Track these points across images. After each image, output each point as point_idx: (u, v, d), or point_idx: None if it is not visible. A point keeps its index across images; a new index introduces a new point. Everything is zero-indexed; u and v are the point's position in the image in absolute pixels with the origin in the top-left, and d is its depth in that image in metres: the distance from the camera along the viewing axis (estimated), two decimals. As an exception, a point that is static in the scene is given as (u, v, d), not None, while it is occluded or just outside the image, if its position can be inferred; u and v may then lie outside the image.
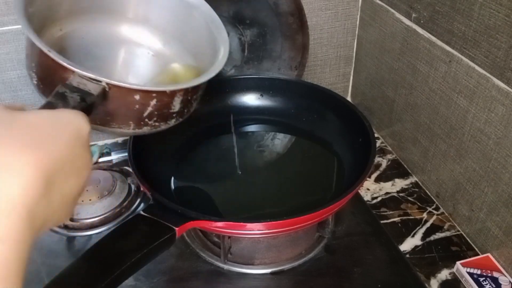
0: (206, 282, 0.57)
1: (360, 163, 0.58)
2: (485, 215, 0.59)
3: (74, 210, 0.65)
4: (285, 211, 0.58)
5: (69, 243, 0.63)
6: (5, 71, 0.72)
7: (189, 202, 0.60)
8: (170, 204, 0.49)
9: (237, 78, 0.75)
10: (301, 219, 0.49)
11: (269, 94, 0.75)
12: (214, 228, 0.50)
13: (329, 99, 0.71)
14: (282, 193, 0.63)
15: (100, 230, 0.64)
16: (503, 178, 0.55)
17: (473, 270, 0.57)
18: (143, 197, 0.70)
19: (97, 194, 0.67)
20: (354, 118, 0.65)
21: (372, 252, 0.61)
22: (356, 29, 0.84)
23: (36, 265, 0.59)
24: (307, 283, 0.57)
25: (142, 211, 0.48)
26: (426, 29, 0.64)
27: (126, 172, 0.74)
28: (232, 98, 0.75)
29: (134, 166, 0.55)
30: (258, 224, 0.48)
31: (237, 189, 0.65)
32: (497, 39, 0.52)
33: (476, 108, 0.57)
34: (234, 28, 0.77)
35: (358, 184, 0.53)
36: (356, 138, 0.64)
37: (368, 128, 0.61)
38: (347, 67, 0.89)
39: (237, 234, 0.52)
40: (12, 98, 0.74)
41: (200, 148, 0.70)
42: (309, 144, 0.72)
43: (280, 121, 0.74)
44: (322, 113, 0.72)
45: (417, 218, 0.67)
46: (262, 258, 0.60)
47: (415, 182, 0.73)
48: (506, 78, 0.52)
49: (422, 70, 0.67)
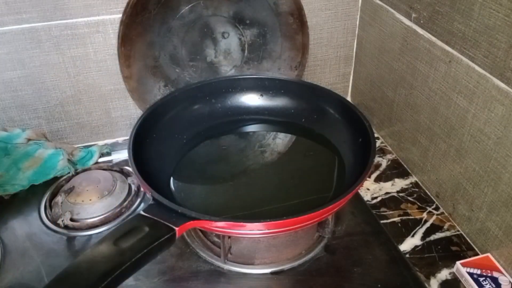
0: (206, 282, 0.57)
1: (360, 163, 0.58)
2: (485, 215, 0.59)
3: (74, 210, 0.65)
4: (285, 211, 0.59)
5: (69, 243, 0.63)
6: (5, 71, 0.72)
7: (189, 202, 0.60)
8: (170, 204, 0.49)
9: (237, 78, 0.75)
10: (301, 219, 0.49)
11: (269, 94, 0.75)
12: (214, 228, 0.50)
13: (329, 99, 0.71)
14: (282, 193, 0.63)
15: (100, 230, 0.64)
16: (503, 178, 0.55)
17: (473, 270, 0.57)
18: (143, 197, 0.70)
19: (97, 194, 0.67)
20: (354, 118, 0.65)
21: (372, 252, 0.61)
22: (356, 29, 0.84)
23: (36, 265, 0.59)
24: (307, 283, 0.57)
25: (142, 211, 0.48)
26: (426, 29, 0.64)
27: (126, 172, 0.74)
28: (232, 98, 0.75)
29: (134, 166, 0.55)
30: (258, 224, 0.48)
31: (237, 189, 0.65)
32: (497, 39, 0.52)
33: (476, 108, 0.57)
34: (234, 28, 0.77)
35: (358, 184, 0.53)
36: (356, 138, 0.64)
37: (368, 128, 0.61)
38: (347, 67, 0.89)
39: (237, 234, 0.52)
40: (12, 98, 0.74)
41: (200, 148, 0.70)
42: (309, 143, 0.72)
43: (280, 121, 0.74)
44: (322, 113, 0.72)
45: (417, 218, 0.67)
46: (262, 258, 0.60)
47: (415, 182, 0.73)
48: (506, 78, 0.52)
49: (422, 70, 0.67)
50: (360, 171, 0.55)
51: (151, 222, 0.47)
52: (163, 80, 0.77)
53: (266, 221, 0.48)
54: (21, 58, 0.71)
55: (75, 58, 0.73)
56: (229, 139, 0.72)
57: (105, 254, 0.43)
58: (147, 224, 0.46)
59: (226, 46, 0.78)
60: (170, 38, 0.74)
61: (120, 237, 0.45)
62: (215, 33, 0.76)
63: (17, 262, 0.60)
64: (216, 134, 0.73)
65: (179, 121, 0.70)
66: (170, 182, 0.63)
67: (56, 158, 0.72)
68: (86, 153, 0.77)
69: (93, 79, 0.76)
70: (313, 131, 0.72)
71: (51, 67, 0.73)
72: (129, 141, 0.59)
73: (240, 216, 0.59)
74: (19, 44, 0.70)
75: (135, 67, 0.73)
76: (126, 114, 0.81)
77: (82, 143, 0.82)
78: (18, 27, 0.69)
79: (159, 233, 0.46)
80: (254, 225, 0.48)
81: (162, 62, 0.75)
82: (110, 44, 0.73)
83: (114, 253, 0.43)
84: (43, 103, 0.76)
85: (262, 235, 0.57)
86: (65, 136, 0.81)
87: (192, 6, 0.72)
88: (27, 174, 0.71)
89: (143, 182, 0.52)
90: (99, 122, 0.81)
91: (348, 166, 0.65)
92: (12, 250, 0.61)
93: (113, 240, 0.44)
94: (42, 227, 0.65)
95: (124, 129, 0.83)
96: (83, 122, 0.80)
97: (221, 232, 0.53)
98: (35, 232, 0.64)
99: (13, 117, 0.76)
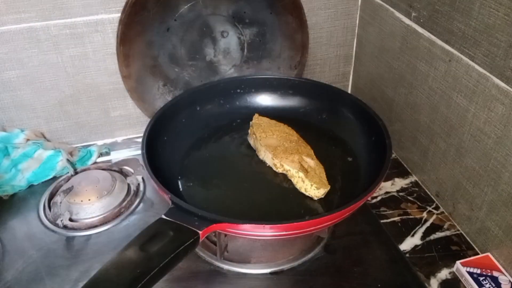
0: (206, 282, 0.57)
1: (375, 161, 0.58)
2: (485, 214, 0.59)
3: (73, 210, 0.65)
4: (298, 213, 0.58)
5: (68, 243, 0.62)
6: (4, 71, 0.71)
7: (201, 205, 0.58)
8: (192, 208, 0.49)
9: (245, 79, 0.75)
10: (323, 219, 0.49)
11: (278, 94, 0.75)
12: (235, 230, 0.49)
13: (339, 97, 0.71)
14: (292, 194, 0.62)
15: (99, 230, 0.64)
16: (503, 177, 0.55)
17: (473, 270, 0.57)
18: (142, 197, 0.70)
19: (96, 194, 0.67)
20: (366, 116, 0.65)
21: (371, 251, 0.61)
22: (355, 28, 0.84)
23: (35, 264, 0.59)
24: (306, 283, 0.57)
25: (164, 215, 0.48)
26: (425, 28, 0.64)
27: (125, 172, 0.74)
28: (241, 98, 0.75)
29: (150, 171, 0.54)
30: (280, 226, 0.48)
31: (248, 191, 0.63)
32: (496, 38, 0.52)
33: (476, 107, 0.57)
34: (233, 27, 0.76)
35: (374, 187, 0.53)
36: (369, 136, 0.64)
37: (381, 126, 0.61)
38: (346, 66, 0.89)
39: (255, 236, 0.52)
40: (10, 98, 0.74)
41: (207, 149, 0.70)
42: (320, 143, 0.69)
43: (290, 121, 0.72)
44: (332, 112, 0.72)
45: (417, 218, 0.67)
46: (259, 257, 0.60)
47: (415, 181, 0.73)
48: (505, 77, 0.52)
49: (422, 69, 0.66)
50: (374, 169, 0.55)
51: (174, 226, 0.47)
52: (162, 80, 0.76)
53: (288, 223, 0.48)
54: (19, 58, 0.71)
55: (74, 57, 0.73)
56: (237, 140, 0.71)
57: (132, 259, 0.43)
58: (171, 229, 0.46)
59: (225, 45, 0.78)
60: (169, 37, 0.74)
61: (146, 242, 0.44)
62: (215, 32, 0.76)
63: (16, 262, 0.60)
64: (224, 134, 0.72)
65: (188, 123, 0.70)
66: (178, 183, 0.63)
67: (55, 159, 0.72)
68: (85, 153, 0.77)
69: (92, 79, 0.76)
70: (324, 130, 0.72)
71: (50, 67, 0.73)
72: (142, 145, 0.59)
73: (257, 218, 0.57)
74: (17, 43, 0.70)
75: (134, 66, 0.73)
76: (125, 113, 0.81)
77: (81, 143, 0.82)
78: (17, 26, 0.69)
79: (184, 237, 0.45)
80: (276, 227, 0.48)
81: (161, 61, 0.75)
82: (109, 44, 0.73)
83: (142, 258, 0.43)
84: (42, 102, 0.76)
85: (280, 237, 0.56)
86: (64, 136, 0.80)
87: (191, 5, 0.72)
88: (26, 175, 0.71)
89: (161, 187, 0.52)
90: (98, 122, 0.81)
91: (362, 164, 0.65)
92: (11, 250, 0.61)
93: (139, 245, 0.44)
94: (41, 227, 0.65)
95: (123, 129, 0.83)
96: (82, 122, 0.80)
97: (242, 235, 0.52)
98: (34, 232, 0.64)
99: (12, 117, 0.76)
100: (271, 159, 0.64)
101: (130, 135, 0.84)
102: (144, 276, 0.41)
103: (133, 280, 0.41)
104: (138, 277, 0.41)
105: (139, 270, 0.41)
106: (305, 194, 0.61)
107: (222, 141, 0.71)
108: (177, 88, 0.78)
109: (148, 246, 0.44)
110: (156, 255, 0.43)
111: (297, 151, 0.65)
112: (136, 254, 0.43)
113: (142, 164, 0.60)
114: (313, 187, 0.59)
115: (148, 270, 0.41)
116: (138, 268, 0.42)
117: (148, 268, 0.42)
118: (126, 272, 0.41)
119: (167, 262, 0.43)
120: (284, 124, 0.71)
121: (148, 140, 0.60)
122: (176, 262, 0.44)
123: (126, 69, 0.73)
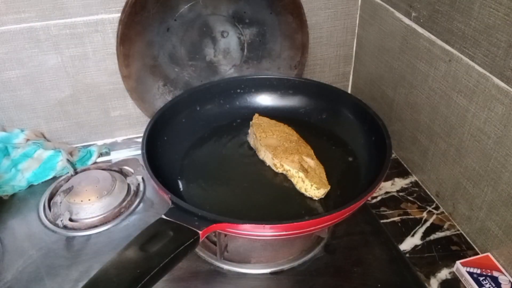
0: (206, 282, 0.57)
1: (375, 160, 0.58)
2: (485, 214, 0.59)
3: (73, 210, 0.65)
4: (297, 213, 0.58)
5: (68, 243, 0.62)
6: (4, 71, 0.71)
7: (201, 205, 0.59)
8: (192, 208, 0.49)
9: (245, 79, 0.75)
10: (325, 219, 0.49)
11: (278, 94, 0.75)
12: (235, 231, 0.49)
13: (339, 97, 0.71)
14: (292, 194, 0.62)
15: (99, 230, 0.64)
16: (503, 177, 0.55)
17: (473, 270, 0.57)
18: (142, 197, 0.70)
19: (96, 194, 0.67)
20: (366, 116, 0.65)
21: (371, 251, 0.61)
22: (355, 28, 0.84)
23: (35, 264, 0.59)
24: (306, 283, 0.57)
25: (164, 215, 0.48)
26: (425, 28, 0.64)
27: (125, 172, 0.74)
28: (241, 98, 0.75)
29: (150, 171, 0.54)
30: (281, 226, 0.48)
31: (248, 191, 0.63)
32: (496, 38, 0.52)
33: (476, 107, 0.57)
34: (233, 27, 0.76)
35: (374, 187, 0.52)
36: (369, 136, 0.64)
37: (382, 126, 0.61)
38: (346, 66, 0.89)
39: (255, 236, 0.52)
40: (10, 98, 0.74)
41: (207, 149, 0.70)
42: (320, 143, 0.69)
43: (290, 120, 0.72)
44: (332, 112, 0.72)
45: (417, 218, 0.67)
46: (259, 257, 0.60)
47: (415, 181, 0.73)
48: (505, 77, 0.52)
49: (422, 69, 0.66)
50: (374, 169, 0.55)
51: (174, 226, 0.47)
52: (162, 80, 0.76)
53: (288, 223, 0.48)
54: (19, 58, 0.71)
55: (74, 57, 0.73)
56: (238, 140, 0.71)
57: (132, 259, 0.43)
58: (171, 229, 0.46)
59: (225, 45, 0.78)
60: (169, 37, 0.74)
61: (146, 242, 0.44)
62: (214, 32, 0.76)
63: (16, 262, 0.60)
64: (224, 134, 0.72)
65: (188, 123, 0.70)
66: (178, 184, 0.63)
67: (55, 159, 0.72)
68: (85, 153, 0.77)
69: (92, 79, 0.76)
70: (324, 130, 0.72)
71: (50, 67, 0.73)
72: (142, 145, 0.59)
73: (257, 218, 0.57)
74: (17, 43, 0.70)
75: (134, 66, 0.73)
76: (125, 113, 0.81)
77: (81, 143, 0.82)
78: (17, 26, 0.69)
79: (184, 237, 0.45)
80: (276, 227, 0.48)
81: (161, 61, 0.75)
82: (109, 44, 0.73)
83: (142, 258, 0.43)
84: (42, 102, 0.76)
85: (280, 237, 0.56)
86: (64, 136, 0.80)
87: (191, 5, 0.72)
88: (26, 175, 0.71)
89: (161, 187, 0.52)
90: (98, 122, 0.81)
91: (362, 164, 0.65)
92: (11, 250, 0.61)
93: (139, 245, 0.44)
94: (41, 227, 0.65)
95: (123, 129, 0.83)
96: (82, 122, 0.80)
97: (242, 235, 0.52)
98: (34, 232, 0.64)
99: (12, 117, 0.76)
100: (271, 159, 0.64)
101: (130, 135, 0.84)
102: (144, 276, 0.41)
103: (133, 280, 0.41)
104: (138, 277, 0.41)
105: (139, 270, 0.41)
106: (305, 194, 0.61)
107: (222, 141, 0.71)
108: (177, 88, 0.78)
109: (148, 246, 0.44)
110: (156, 255, 0.43)
111: (297, 151, 0.65)
112: (136, 254, 0.43)
113: (142, 164, 0.60)
114: (313, 187, 0.59)
115: (148, 270, 0.41)
116: (138, 268, 0.42)
117: (148, 268, 0.42)
118: (126, 272, 0.41)
119: (167, 262, 0.43)
120: (284, 124, 0.71)
121: (148, 140, 0.60)
122: (176, 262, 0.44)
123: (126, 69, 0.73)
